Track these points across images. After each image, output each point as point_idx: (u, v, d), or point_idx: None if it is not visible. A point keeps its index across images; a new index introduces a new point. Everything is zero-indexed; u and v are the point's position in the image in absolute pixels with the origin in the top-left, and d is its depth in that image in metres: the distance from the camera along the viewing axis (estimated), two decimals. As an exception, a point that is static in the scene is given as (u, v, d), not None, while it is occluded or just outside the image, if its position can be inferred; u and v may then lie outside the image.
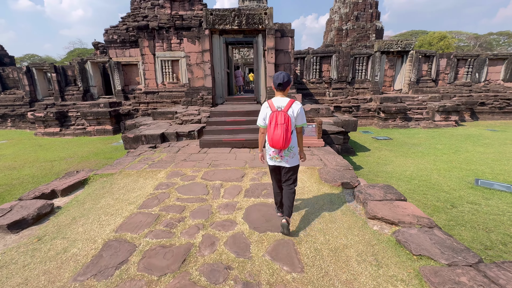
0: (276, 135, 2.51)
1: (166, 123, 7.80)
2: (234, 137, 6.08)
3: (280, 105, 2.59)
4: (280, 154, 2.70)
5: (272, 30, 8.73)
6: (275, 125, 2.52)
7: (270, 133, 2.57)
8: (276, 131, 2.51)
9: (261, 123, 2.78)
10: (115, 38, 13.51)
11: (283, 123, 2.51)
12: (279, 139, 2.50)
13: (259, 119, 2.79)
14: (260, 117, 2.78)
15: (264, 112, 2.69)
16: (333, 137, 6.41)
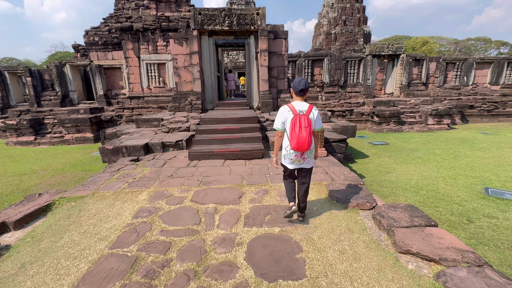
0: (301, 137, 2.54)
1: (151, 132, 7.02)
2: (227, 148, 5.39)
3: (302, 109, 2.66)
4: (303, 157, 2.75)
5: (265, 31, 8.14)
6: (300, 128, 2.55)
7: (294, 136, 2.57)
8: (301, 134, 2.54)
9: (279, 127, 2.75)
10: (96, 40, 12.57)
11: (307, 126, 2.56)
12: (305, 141, 2.54)
13: (277, 122, 2.77)
14: (278, 121, 2.75)
15: (284, 116, 2.69)
16: (335, 145, 5.85)
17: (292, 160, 2.77)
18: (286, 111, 2.70)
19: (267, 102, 8.37)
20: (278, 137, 2.83)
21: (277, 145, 2.87)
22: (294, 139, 2.56)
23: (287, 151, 2.77)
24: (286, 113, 2.69)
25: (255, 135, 5.83)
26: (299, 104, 2.71)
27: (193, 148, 5.39)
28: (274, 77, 8.77)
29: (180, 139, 5.96)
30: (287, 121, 2.66)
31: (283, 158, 2.88)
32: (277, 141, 2.85)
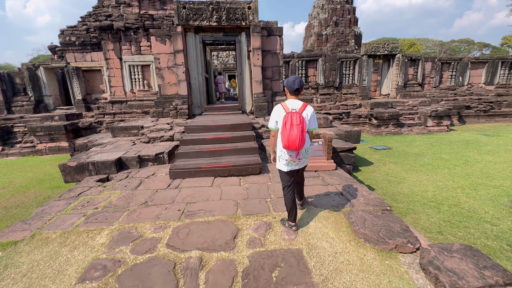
0: (292, 135, 2.43)
1: (129, 142, 5.94)
2: (217, 162, 4.39)
3: (295, 107, 2.56)
4: (298, 157, 2.64)
5: (257, 27, 7.20)
6: (291, 125, 2.44)
7: (285, 134, 2.46)
8: (292, 132, 2.43)
9: (272, 126, 2.67)
10: (73, 40, 11.33)
11: (299, 124, 2.44)
12: (295, 139, 2.42)
13: (271, 122, 2.67)
14: (272, 120, 2.66)
15: (277, 115, 2.60)
16: (343, 155, 4.94)
17: (287, 161, 2.64)
18: (279, 109, 2.59)
19: (261, 106, 7.42)
20: (272, 136, 2.80)
21: (273, 144, 2.83)
22: (284, 137, 2.46)
23: (281, 151, 2.64)
24: (279, 111, 2.58)
25: (250, 146, 4.86)
26: (292, 102, 2.61)
27: (175, 164, 4.36)
28: (268, 78, 7.84)
29: (161, 152, 4.92)
30: (279, 119, 2.55)
31: (278, 160, 2.74)
32: (272, 140, 2.82)
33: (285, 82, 2.69)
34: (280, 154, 2.65)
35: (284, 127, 2.45)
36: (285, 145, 2.47)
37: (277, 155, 2.74)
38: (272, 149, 2.87)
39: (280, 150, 2.64)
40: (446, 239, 3.83)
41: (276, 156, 2.76)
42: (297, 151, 2.57)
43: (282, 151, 2.61)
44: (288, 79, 2.69)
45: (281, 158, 2.65)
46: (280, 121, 2.52)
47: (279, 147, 2.65)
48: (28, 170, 8.02)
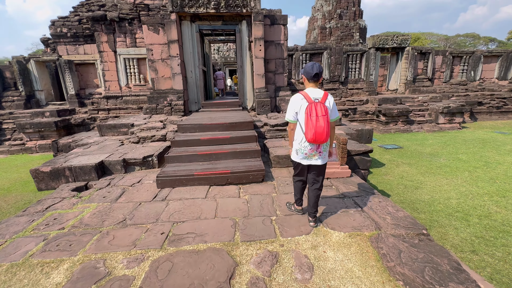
0: (319, 127, 2.21)
1: (117, 142, 5.29)
2: (213, 168, 3.73)
3: (317, 97, 2.33)
4: (319, 150, 2.42)
5: (259, 14, 6.45)
6: (317, 116, 2.22)
7: (311, 126, 2.22)
8: (318, 123, 2.21)
9: (291, 118, 2.44)
10: (64, 31, 10.61)
11: (325, 115, 2.24)
12: (323, 131, 2.22)
13: (289, 113, 2.45)
14: (290, 111, 2.42)
15: (298, 105, 2.36)
16: (358, 159, 4.27)
17: (306, 155, 2.44)
18: (299, 99, 2.36)
19: (264, 102, 6.73)
20: (290, 130, 2.54)
21: (291, 137, 2.56)
22: (311, 130, 2.23)
23: (301, 144, 2.43)
24: (300, 101, 2.35)
25: (252, 148, 4.20)
26: (313, 91, 2.37)
27: (165, 170, 3.71)
28: (271, 71, 7.12)
29: (149, 154, 4.27)
30: (301, 110, 2.33)
31: (294, 153, 2.53)
32: (291, 134, 2.56)
33: (302, 70, 2.50)
34: (299, 147, 2.44)
35: (309, 118, 2.24)
36: (311, 138, 2.26)
37: (294, 148, 2.51)
38: (291, 142, 2.59)
39: (299, 143, 2.43)
40: (482, 260, 3.18)
41: (293, 150, 2.53)
42: (318, 144, 2.37)
43: (303, 145, 2.41)
44: (306, 65, 2.47)
45: (300, 151, 2.45)
46: (302, 112, 2.31)
47: (297, 140, 2.45)
48: (14, 170, 7.40)
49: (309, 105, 2.27)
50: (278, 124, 5.30)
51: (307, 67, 2.41)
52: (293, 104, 2.38)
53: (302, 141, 2.39)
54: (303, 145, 2.40)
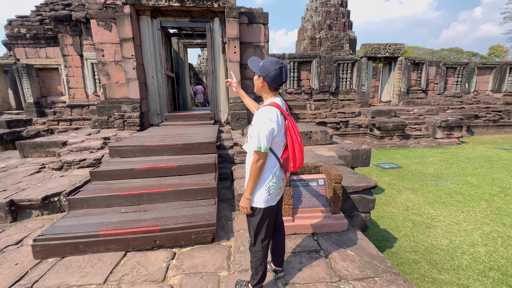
0: (303, 148, 1.62)
1: (35, 167, 3.82)
2: (137, 220, 2.32)
3: (285, 107, 1.63)
4: (287, 176, 1.76)
5: (233, 10, 5.19)
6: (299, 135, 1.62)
7: (298, 149, 1.59)
8: (302, 145, 1.61)
9: (266, 144, 1.45)
10: (23, 32, 9.16)
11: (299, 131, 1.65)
12: (303, 155, 1.62)
13: (264, 137, 1.44)
14: (266, 133, 1.45)
15: (274, 123, 1.47)
16: (357, 198, 2.93)
17: (280, 190, 1.65)
18: (278, 114, 1.49)
19: (239, 114, 5.39)
20: (261, 163, 1.48)
21: (258, 179, 1.53)
22: (298, 154, 1.58)
23: (276, 177, 1.58)
24: (277, 117, 1.49)
25: (205, 183, 2.82)
26: (281, 100, 1.61)
27: (56, 225, 2.27)
28: (249, 78, 5.82)
29: (55, 192, 2.82)
30: (281, 129, 1.52)
31: (264, 195, 1.55)
32: (259, 172, 1.51)
33: (261, 69, 1.51)
34: (273, 183, 1.57)
35: (294, 140, 1.57)
36: (293, 166, 1.60)
37: (264, 187, 1.56)
38: (253, 186, 1.55)
39: (273, 175, 1.57)
40: None
41: (259, 193, 1.56)
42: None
43: (277, 175, 1.58)
44: (264, 63, 1.53)
45: (273, 187, 1.58)
46: (282, 132, 1.54)
47: (269, 173, 1.56)
48: None
49: (287, 121, 1.58)
50: (251, 144, 3.95)
51: (270, 69, 1.48)
52: (272, 123, 1.46)
53: (277, 171, 1.59)
54: (278, 176, 1.60)
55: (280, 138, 1.53)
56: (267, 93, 1.57)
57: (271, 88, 1.54)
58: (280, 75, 1.48)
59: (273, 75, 1.46)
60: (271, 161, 1.55)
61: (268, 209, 1.58)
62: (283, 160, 1.58)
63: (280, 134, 1.52)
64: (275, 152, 1.55)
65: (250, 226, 1.63)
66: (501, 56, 37.37)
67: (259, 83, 1.56)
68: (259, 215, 1.57)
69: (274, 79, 1.48)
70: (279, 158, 1.57)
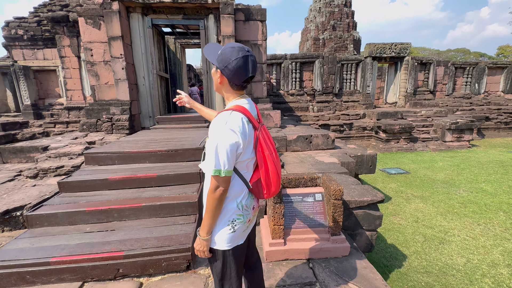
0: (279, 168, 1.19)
1: (11, 175, 3.52)
2: (100, 242, 1.97)
3: (255, 113, 1.22)
4: (258, 204, 1.29)
5: (228, 6, 4.84)
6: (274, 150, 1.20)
7: (269, 171, 1.15)
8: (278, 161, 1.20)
9: (227, 165, 1.05)
10: (20, 33, 8.98)
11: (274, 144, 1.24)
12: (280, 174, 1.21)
13: (222, 156, 1.03)
14: (225, 149, 1.03)
15: (240, 134, 1.06)
16: (360, 215, 2.52)
17: (250, 222, 1.21)
18: (244, 122, 1.09)
19: (235, 117, 5.01)
20: (220, 194, 1.06)
21: (218, 212, 1.11)
22: (273, 176, 1.15)
23: (243, 207, 1.15)
24: (245, 126, 1.08)
25: (186, 197, 2.45)
26: (250, 104, 1.18)
27: (3, 250, 1.91)
28: (246, 78, 5.44)
29: (17, 207, 2.49)
30: (249, 144, 1.11)
31: (228, 232, 1.14)
32: (219, 203, 1.08)
33: (219, 58, 1.09)
34: (238, 215, 1.14)
35: (268, 157, 1.13)
36: (267, 192, 1.17)
37: (227, 220, 1.13)
38: (212, 225, 1.12)
39: (240, 205, 1.14)
40: None
41: (223, 226, 1.13)
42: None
43: (246, 204, 1.16)
44: (224, 52, 1.09)
45: (239, 221, 1.14)
46: (250, 147, 1.12)
47: (234, 203, 1.13)
48: None
49: (258, 132, 1.14)
50: (244, 150, 3.56)
51: (231, 57, 1.06)
52: (235, 135, 1.04)
53: (244, 199, 1.16)
54: (244, 205, 1.16)
55: (248, 156, 1.12)
56: (229, 92, 1.17)
57: (233, 86, 1.13)
58: (245, 67, 1.06)
59: (234, 67, 1.05)
60: (235, 187, 1.14)
61: (235, 250, 1.17)
62: (252, 184, 1.17)
63: (247, 149, 1.11)
64: (242, 174, 1.15)
65: (213, 272, 1.23)
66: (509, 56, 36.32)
67: (217, 78, 1.15)
68: (222, 259, 1.16)
69: (236, 73, 1.06)
70: (247, 182, 1.16)
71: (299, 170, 3.45)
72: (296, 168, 3.51)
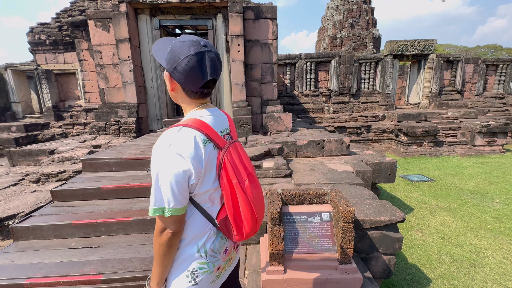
0: (258, 201, 0.88)
1: (16, 179, 3.51)
2: (81, 262, 1.79)
3: (224, 126, 0.94)
4: (236, 246, 1.00)
5: (237, 5, 4.60)
6: (249, 176, 0.88)
7: (240, 206, 0.83)
8: (258, 192, 0.90)
9: (173, 202, 0.75)
10: (43, 38, 9.33)
11: (254, 168, 0.96)
12: (263, 207, 0.93)
13: (166, 190, 0.75)
14: (168, 181, 0.74)
15: (190, 160, 0.76)
16: (376, 236, 2.17)
17: (220, 270, 0.90)
18: (198, 143, 0.78)
19: (243, 120, 4.78)
20: (167, 239, 0.78)
21: (169, 260, 0.82)
22: (246, 211, 0.83)
23: (209, 253, 0.86)
24: (200, 148, 0.78)
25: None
26: (214, 114, 0.89)
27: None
28: (256, 79, 5.19)
29: (10, 215, 2.39)
30: (207, 171, 0.81)
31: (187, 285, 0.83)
32: (168, 250, 0.80)
33: (168, 57, 0.80)
34: (201, 263, 0.84)
35: (236, 187, 0.82)
36: (238, 233, 0.87)
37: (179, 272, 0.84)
38: (164, 266, 0.81)
39: (205, 252, 0.85)
40: None
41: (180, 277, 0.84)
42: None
43: (214, 251, 0.87)
44: (173, 48, 0.79)
45: (202, 272, 0.85)
46: (212, 175, 0.83)
47: (192, 246, 0.84)
48: None
49: (222, 153, 0.83)
50: (250, 157, 3.31)
51: (181, 55, 0.78)
52: (182, 161, 0.75)
53: (209, 242, 0.87)
54: (213, 248, 0.87)
55: (208, 186, 0.84)
56: (185, 102, 0.89)
57: (189, 93, 0.85)
58: (200, 68, 0.79)
59: (184, 68, 0.78)
60: (195, 226, 0.86)
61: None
62: (220, 222, 0.88)
63: (207, 178, 0.83)
64: (204, 209, 0.86)
65: None
66: (549, 52, 33.26)
67: (168, 85, 0.89)
68: None
69: (189, 76, 0.80)
70: (212, 219, 0.88)
71: (308, 179, 3.13)
72: (305, 177, 3.20)
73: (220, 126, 0.89)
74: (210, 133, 0.82)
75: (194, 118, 0.83)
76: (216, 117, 0.89)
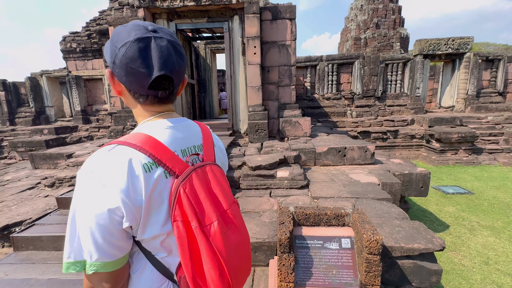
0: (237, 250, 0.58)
1: (36, 181, 3.57)
2: (72, 280, 1.65)
3: (193, 143, 0.66)
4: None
5: (254, 5, 4.41)
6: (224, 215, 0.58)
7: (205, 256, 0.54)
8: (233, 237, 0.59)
9: (96, 254, 0.51)
10: (73, 46, 9.85)
11: (234, 201, 0.65)
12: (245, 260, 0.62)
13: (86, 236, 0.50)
14: (91, 228, 0.50)
15: (120, 194, 0.50)
16: (408, 266, 1.81)
17: None
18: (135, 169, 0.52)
19: (258, 125, 4.54)
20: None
21: None
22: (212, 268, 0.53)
23: None
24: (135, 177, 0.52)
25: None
26: (174, 127, 0.62)
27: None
28: (273, 82, 4.95)
29: (17, 222, 2.35)
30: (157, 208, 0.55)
31: None
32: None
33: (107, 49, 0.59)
34: None
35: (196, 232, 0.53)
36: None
37: None
38: None
39: None
40: None
41: None
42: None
43: None
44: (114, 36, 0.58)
45: None
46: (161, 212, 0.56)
47: None
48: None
49: (178, 182, 0.54)
50: (262, 165, 3.05)
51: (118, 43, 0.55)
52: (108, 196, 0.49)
53: None
54: None
55: (156, 231, 0.58)
56: (137, 110, 0.66)
57: (137, 97, 0.62)
58: (143, 60, 0.55)
59: (122, 61, 0.56)
60: (144, 283, 0.61)
61: None
62: (182, 278, 0.60)
63: (153, 219, 0.57)
64: (158, 259, 0.61)
65: None
66: None
67: (113, 87, 0.66)
68: None
69: (129, 72, 0.57)
70: (170, 273, 0.62)
71: (327, 192, 2.81)
72: (323, 190, 2.88)
73: (183, 143, 0.64)
74: (159, 153, 0.57)
75: (139, 133, 0.59)
76: (177, 130, 0.64)
